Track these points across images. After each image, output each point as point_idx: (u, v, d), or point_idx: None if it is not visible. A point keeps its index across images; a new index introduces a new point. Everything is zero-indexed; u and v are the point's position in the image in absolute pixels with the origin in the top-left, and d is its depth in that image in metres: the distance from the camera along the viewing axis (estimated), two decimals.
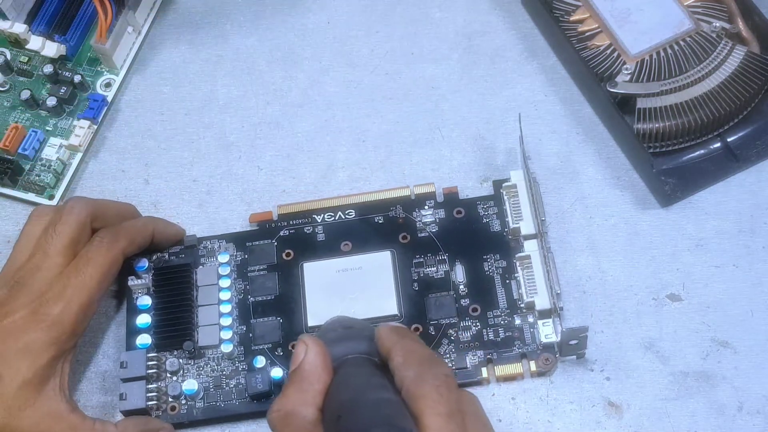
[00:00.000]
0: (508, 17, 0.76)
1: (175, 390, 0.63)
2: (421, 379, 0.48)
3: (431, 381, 0.48)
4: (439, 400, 0.47)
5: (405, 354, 0.50)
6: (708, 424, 0.61)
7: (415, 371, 0.48)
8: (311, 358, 0.50)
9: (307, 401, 0.49)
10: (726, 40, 0.69)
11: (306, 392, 0.49)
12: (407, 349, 0.50)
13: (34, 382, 0.58)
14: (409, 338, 0.52)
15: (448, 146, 0.72)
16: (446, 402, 0.47)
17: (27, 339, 0.59)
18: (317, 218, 0.68)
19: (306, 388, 0.50)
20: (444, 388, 0.47)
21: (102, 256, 0.62)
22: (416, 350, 0.50)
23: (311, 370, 0.50)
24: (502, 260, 0.66)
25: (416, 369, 0.49)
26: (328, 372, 0.50)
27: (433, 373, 0.48)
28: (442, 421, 0.46)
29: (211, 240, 0.68)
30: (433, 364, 0.49)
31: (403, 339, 0.51)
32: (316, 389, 0.50)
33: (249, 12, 0.79)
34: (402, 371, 0.49)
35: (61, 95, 0.74)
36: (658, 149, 0.68)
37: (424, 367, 0.49)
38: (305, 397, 0.49)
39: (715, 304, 0.65)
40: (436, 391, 0.47)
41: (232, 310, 0.66)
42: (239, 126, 0.74)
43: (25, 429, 0.58)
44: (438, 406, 0.47)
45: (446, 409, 0.47)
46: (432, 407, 0.47)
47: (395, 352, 0.50)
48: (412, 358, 0.50)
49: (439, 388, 0.47)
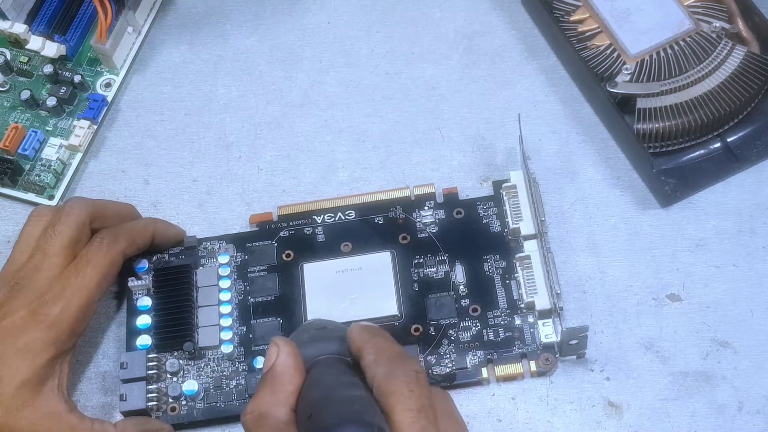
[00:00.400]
0: (508, 17, 0.76)
1: (175, 391, 0.63)
2: (391, 376, 0.48)
3: (401, 377, 0.48)
4: (409, 396, 0.47)
5: (376, 352, 0.50)
6: (708, 424, 0.61)
7: (385, 368, 0.49)
8: (282, 360, 0.51)
9: (279, 402, 0.50)
10: (726, 40, 0.69)
11: (278, 393, 0.50)
12: (378, 347, 0.51)
13: (33, 382, 0.58)
14: (380, 336, 0.52)
15: (448, 146, 0.72)
16: (417, 398, 0.47)
17: (26, 339, 0.59)
18: (317, 219, 0.68)
19: (278, 389, 0.50)
20: (414, 384, 0.48)
21: (102, 256, 0.62)
22: (387, 348, 0.51)
23: (283, 372, 0.51)
24: (502, 260, 0.66)
25: (387, 366, 0.49)
26: (300, 373, 0.51)
27: (403, 370, 0.49)
28: (412, 416, 0.47)
29: (211, 241, 0.68)
30: (403, 361, 0.50)
31: (374, 337, 0.52)
32: (288, 390, 0.50)
33: (249, 12, 0.79)
34: (373, 369, 0.49)
35: (61, 95, 0.73)
36: (658, 149, 0.68)
37: (395, 364, 0.49)
38: (278, 398, 0.50)
39: (715, 304, 0.65)
40: (407, 387, 0.48)
41: (233, 310, 0.66)
42: (239, 126, 0.74)
43: (23, 429, 0.58)
44: (408, 401, 0.47)
45: (417, 405, 0.47)
46: (402, 403, 0.47)
47: (366, 350, 0.51)
48: (383, 355, 0.50)
49: (409, 384, 0.48)
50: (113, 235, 0.63)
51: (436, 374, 0.63)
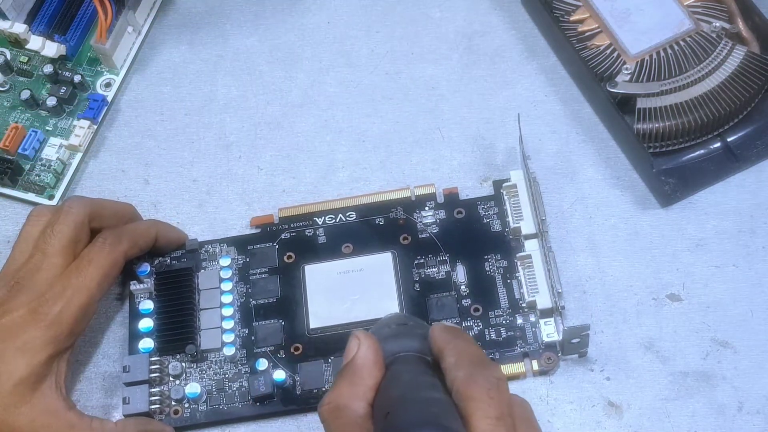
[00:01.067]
0: (508, 17, 0.76)
1: (177, 393, 0.63)
2: (472, 381, 0.47)
3: (482, 383, 0.47)
4: (489, 402, 0.46)
5: (457, 354, 0.49)
6: (708, 424, 0.62)
7: (466, 372, 0.48)
8: (363, 353, 0.50)
9: (357, 395, 0.49)
10: (726, 40, 0.69)
11: (357, 386, 0.49)
12: (459, 349, 0.49)
13: (31, 380, 0.59)
14: (462, 339, 0.51)
15: (448, 146, 0.72)
16: (497, 405, 0.46)
17: (25, 337, 0.59)
18: (318, 221, 0.69)
19: (357, 383, 0.49)
20: (495, 391, 0.47)
21: (103, 257, 0.62)
22: (468, 351, 0.50)
23: (363, 365, 0.49)
24: (503, 260, 0.66)
25: (467, 370, 0.48)
26: (379, 368, 0.50)
27: (484, 376, 0.47)
28: (491, 423, 0.46)
29: (213, 244, 0.69)
30: (485, 366, 0.48)
31: (455, 339, 0.50)
32: (367, 384, 0.49)
33: (249, 12, 0.79)
34: (453, 372, 0.48)
35: (61, 95, 0.74)
36: (658, 149, 0.68)
37: (476, 369, 0.48)
38: (356, 392, 0.49)
39: (715, 304, 0.65)
40: (487, 394, 0.46)
41: (234, 313, 0.66)
42: (239, 126, 0.74)
43: (21, 426, 0.58)
44: (488, 408, 0.46)
45: (496, 412, 0.46)
46: (482, 409, 0.46)
47: (447, 352, 0.49)
48: (464, 358, 0.49)
49: (489, 390, 0.46)
50: (116, 236, 0.63)
51: None
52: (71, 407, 0.60)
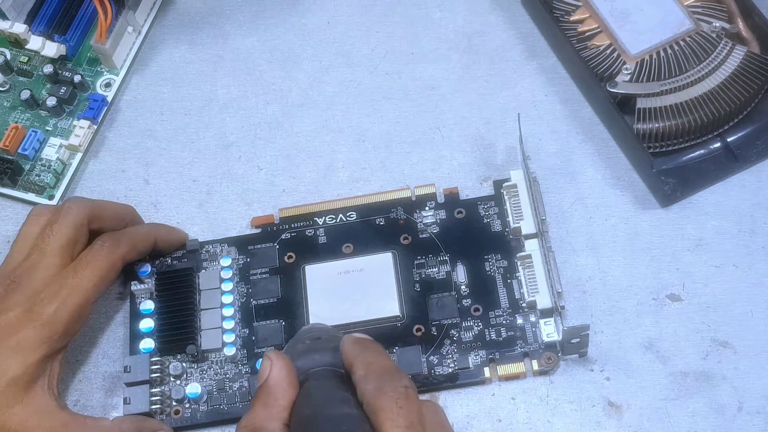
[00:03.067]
0: (508, 17, 0.76)
1: (178, 394, 0.63)
2: (380, 392, 0.48)
3: (390, 393, 0.48)
4: (398, 412, 0.47)
5: (366, 367, 0.50)
6: (708, 424, 0.62)
7: (374, 384, 0.49)
8: (275, 374, 0.51)
9: (272, 416, 0.50)
10: (726, 40, 0.69)
11: (271, 408, 0.50)
12: (368, 361, 0.50)
13: (24, 380, 0.58)
14: (371, 350, 0.52)
15: (448, 146, 0.72)
16: (406, 414, 0.47)
17: (19, 337, 0.59)
18: (318, 221, 0.69)
19: (271, 404, 0.50)
20: (403, 400, 0.48)
21: (101, 259, 0.62)
22: (376, 362, 0.51)
23: (276, 386, 0.51)
24: (503, 260, 0.66)
25: (376, 382, 0.49)
26: (293, 386, 0.51)
27: (392, 386, 0.48)
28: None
29: (213, 244, 0.69)
30: (392, 376, 0.49)
31: (364, 351, 0.51)
32: (281, 404, 0.50)
33: (249, 12, 0.79)
34: (362, 384, 0.49)
35: (61, 95, 0.73)
36: (658, 149, 0.68)
37: (384, 380, 0.49)
38: (271, 413, 0.50)
39: (715, 304, 0.65)
40: (395, 404, 0.47)
41: (235, 313, 0.66)
42: (239, 126, 0.74)
43: (13, 426, 0.58)
44: (397, 418, 0.47)
45: (405, 422, 0.47)
46: (391, 419, 0.47)
47: (356, 365, 0.50)
48: (372, 370, 0.50)
49: (398, 400, 0.47)
50: (115, 239, 0.63)
51: (438, 374, 0.63)
52: (63, 407, 0.60)
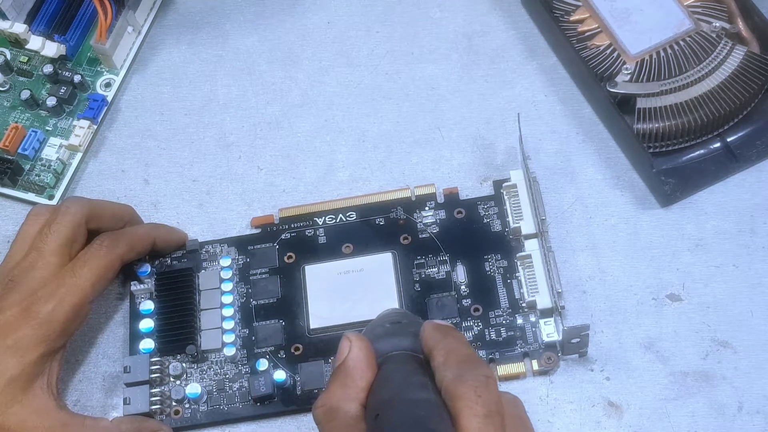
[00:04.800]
0: (508, 17, 0.76)
1: (178, 394, 0.63)
2: (459, 380, 0.47)
3: (470, 381, 0.47)
4: (477, 401, 0.46)
5: (446, 353, 0.49)
6: (708, 424, 0.62)
7: (454, 371, 0.48)
8: (354, 355, 0.50)
9: (350, 397, 0.49)
10: (726, 40, 0.69)
11: (349, 388, 0.49)
12: (448, 348, 0.50)
13: (22, 379, 0.58)
14: (452, 337, 0.51)
15: (448, 146, 0.72)
16: (484, 403, 0.46)
17: (16, 336, 0.59)
18: (318, 221, 0.69)
19: (349, 384, 0.49)
20: (483, 389, 0.47)
21: (99, 259, 0.62)
22: (457, 350, 0.50)
23: (354, 367, 0.50)
24: (503, 260, 0.66)
25: (456, 369, 0.48)
26: (371, 368, 0.50)
27: (472, 374, 0.47)
28: (479, 422, 0.46)
29: (213, 244, 0.69)
30: (473, 364, 0.49)
31: (445, 338, 0.50)
32: (359, 385, 0.49)
33: (249, 12, 0.79)
34: (442, 371, 0.48)
35: (61, 95, 0.74)
36: (658, 149, 0.68)
37: (464, 368, 0.48)
38: (348, 393, 0.49)
39: (715, 304, 0.65)
40: (474, 392, 0.46)
41: (235, 313, 0.66)
42: (239, 126, 0.74)
43: (12, 426, 0.58)
44: (476, 407, 0.46)
45: (484, 410, 0.46)
46: (470, 407, 0.46)
47: (437, 351, 0.50)
48: (452, 357, 0.49)
49: (477, 389, 0.47)
50: (113, 238, 0.63)
51: None
52: (62, 407, 0.60)
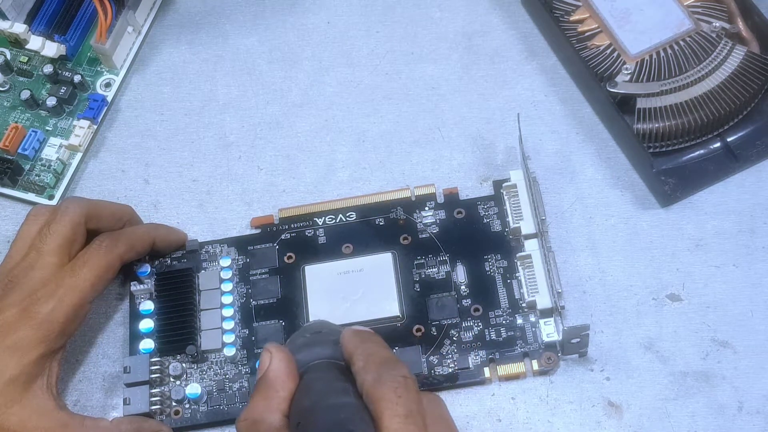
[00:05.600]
0: (508, 17, 0.76)
1: (178, 394, 0.63)
2: (379, 382, 0.48)
3: (389, 383, 0.48)
4: (397, 401, 0.47)
5: (365, 357, 0.50)
6: (708, 424, 0.62)
7: (373, 374, 0.49)
8: (275, 366, 0.51)
9: (272, 408, 0.50)
10: (726, 40, 0.69)
11: (271, 399, 0.51)
12: (368, 352, 0.51)
13: (21, 380, 0.58)
14: (371, 341, 0.52)
15: (448, 146, 0.72)
16: (404, 403, 0.47)
17: (16, 336, 0.59)
18: (318, 221, 0.69)
19: (271, 396, 0.51)
20: (402, 389, 0.48)
21: (99, 259, 0.62)
22: (376, 353, 0.51)
23: (275, 378, 0.51)
24: (503, 260, 0.66)
25: (375, 372, 0.49)
26: (292, 378, 0.51)
27: (391, 375, 0.49)
28: (400, 421, 0.47)
29: (213, 244, 0.69)
30: (391, 366, 0.50)
31: (364, 343, 0.52)
32: (281, 396, 0.51)
33: (249, 12, 0.79)
34: (362, 375, 0.50)
35: (61, 95, 0.73)
36: (658, 149, 0.68)
37: (383, 370, 0.49)
38: (270, 404, 0.50)
39: (715, 304, 0.65)
40: (394, 393, 0.48)
41: (235, 313, 0.66)
42: (239, 126, 0.74)
43: (11, 426, 0.58)
44: (396, 407, 0.47)
45: (404, 410, 0.47)
46: (390, 408, 0.47)
47: (356, 356, 0.51)
48: (372, 361, 0.50)
49: (397, 389, 0.48)
50: (113, 238, 0.63)
51: (439, 375, 0.63)
52: (62, 407, 0.60)
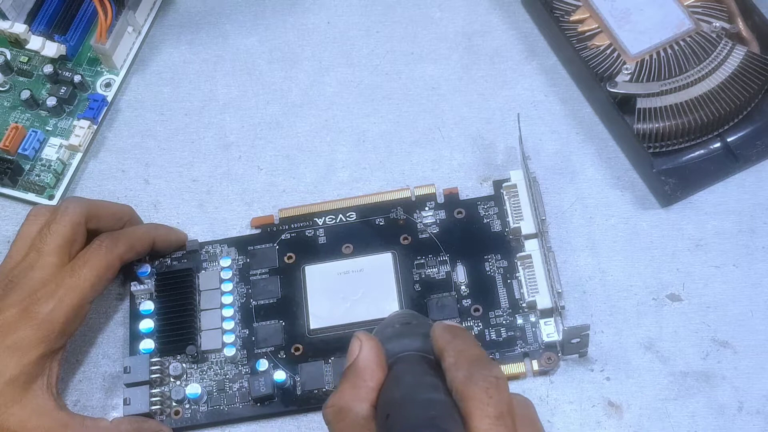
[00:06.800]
0: (508, 17, 0.76)
1: (178, 394, 0.63)
2: (470, 381, 0.47)
3: (481, 383, 0.47)
4: (488, 401, 0.46)
5: (456, 354, 0.49)
6: (708, 424, 0.62)
7: (465, 372, 0.48)
8: (365, 355, 0.50)
9: (360, 397, 0.49)
10: (726, 40, 0.69)
11: (359, 388, 0.49)
12: (459, 349, 0.49)
13: (21, 380, 0.58)
14: (462, 338, 0.51)
15: (448, 146, 0.72)
16: (495, 404, 0.46)
17: (16, 336, 0.59)
18: (318, 221, 0.69)
19: (359, 385, 0.49)
20: (494, 390, 0.47)
21: (99, 259, 0.62)
22: (468, 350, 0.50)
23: (364, 367, 0.50)
24: (503, 260, 0.66)
25: (466, 370, 0.48)
26: (381, 369, 0.50)
27: (483, 375, 0.47)
28: (490, 423, 0.46)
29: (213, 244, 0.69)
30: (484, 365, 0.48)
31: (455, 339, 0.50)
32: (369, 386, 0.49)
33: (249, 12, 0.79)
34: (453, 372, 0.48)
35: (61, 95, 0.73)
36: (658, 149, 0.68)
37: (475, 368, 0.48)
38: (358, 393, 0.49)
39: (715, 304, 0.65)
40: (486, 393, 0.46)
41: (235, 313, 0.66)
42: (239, 126, 0.74)
43: (11, 426, 0.58)
44: (487, 407, 0.46)
45: (495, 411, 0.46)
46: (481, 408, 0.46)
47: (447, 352, 0.49)
48: (463, 358, 0.49)
49: (488, 390, 0.46)
50: (113, 239, 0.63)
51: None
52: (62, 407, 0.60)
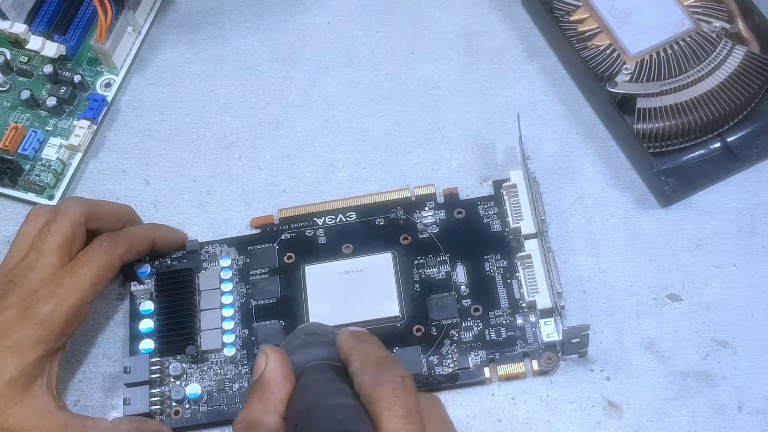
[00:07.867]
0: (508, 17, 0.76)
1: (178, 394, 0.63)
2: (377, 382, 0.48)
3: (387, 383, 0.48)
4: (395, 401, 0.47)
5: (362, 358, 0.50)
6: (708, 424, 0.62)
7: (371, 375, 0.49)
8: (271, 368, 0.51)
9: (269, 409, 0.50)
10: (726, 40, 0.69)
11: (267, 401, 0.50)
12: (364, 353, 0.51)
13: (21, 380, 0.58)
14: (367, 342, 0.52)
15: (448, 146, 0.72)
16: (402, 403, 0.47)
17: (16, 337, 0.59)
18: (318, 221, 0.69)
19: (267, 397, 0.50)
20: (400, 390, 0.48)
21: (99, 259, 0.62)
22: (373, 353, 0.51)
23: (271, 380, 0.51)
24: (503, 260, 0.66)
25: (372, 372, 0.49)
26: (289, 380, 0.51)
27: (389, 375, 0.48)
28: (399, 421, 0.47)
29: (213, 244, 0.69)
30: (389, 366, 0.50)
31: (360, 343, 0.52)
32: (278, 398, 0.50)
33: (249, 12, 0.79)
34: (359, 375, 0.49)
35: (61, 95, 0.73)
36: (658, 149, 0.68)
37: (380, 370, 0.49)
38: (267, 406, 0.50)
39: (715, 304, 0.65)
40: (392, 393, 0.48)
41: (235, 314, 0.66)
42: (239, 126, 0.74)
43: (11, 426, 0.58)
44: (395, 407, 0.47)
45: (403, 410, 0.47)
46: (389, 408, 0.47)
47: (353, 357, 0.51)
48: (369, 361, 0.50)
49: (395, 389, 0.48)
50: (113, 239, 0.63)
51: (439, 375, 0.63)
52: (62, 407, 0.60)
